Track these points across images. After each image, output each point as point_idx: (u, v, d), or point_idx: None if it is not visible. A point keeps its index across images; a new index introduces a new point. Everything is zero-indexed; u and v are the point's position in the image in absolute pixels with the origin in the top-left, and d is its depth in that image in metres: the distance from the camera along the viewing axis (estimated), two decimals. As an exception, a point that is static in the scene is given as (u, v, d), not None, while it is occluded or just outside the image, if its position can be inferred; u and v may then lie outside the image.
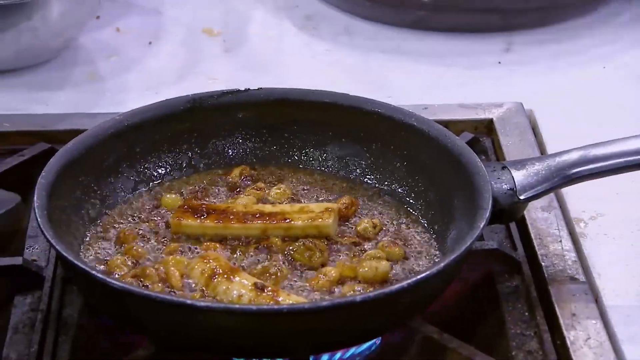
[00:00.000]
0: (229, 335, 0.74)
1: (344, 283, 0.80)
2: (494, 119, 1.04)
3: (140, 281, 0.79)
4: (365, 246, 0.84)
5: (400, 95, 1.07)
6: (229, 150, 0.94)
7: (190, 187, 0.91)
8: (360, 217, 0.88)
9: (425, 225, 0.87)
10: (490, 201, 0.81)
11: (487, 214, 0.79)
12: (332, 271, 0.81)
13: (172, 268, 0.80)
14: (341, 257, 0.83)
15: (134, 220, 0.87)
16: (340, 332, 0.75)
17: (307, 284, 0.80)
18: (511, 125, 1.03)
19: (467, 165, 0.84)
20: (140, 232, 0.86)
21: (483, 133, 1.03)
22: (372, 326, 0.76)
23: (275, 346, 0.75)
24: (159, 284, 0.79)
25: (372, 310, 0.74)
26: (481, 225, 0.78)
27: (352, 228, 0.87)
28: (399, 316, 0.78)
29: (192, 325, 0.73)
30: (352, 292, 0.79)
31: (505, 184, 0.84)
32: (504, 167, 0.85)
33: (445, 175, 0.87)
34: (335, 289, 0.80)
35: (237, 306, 0.74)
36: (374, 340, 0.81)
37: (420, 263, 0.83)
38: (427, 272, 0.75)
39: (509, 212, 0.84)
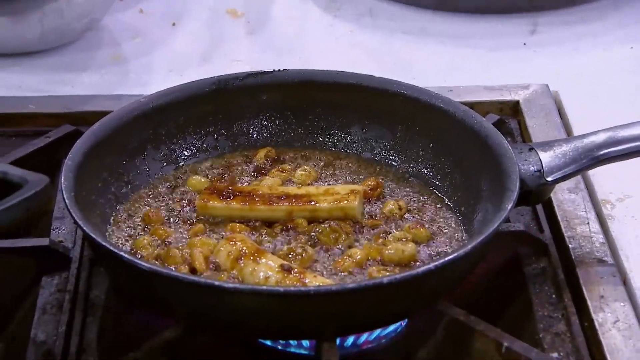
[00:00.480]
0: (255, 316, 0.74)
1: (370, 265, 0.80)
2: (520, 100, 1.03)
3: (162, 261, 0.79)
4: (391, 228, 0.84)
5: (425, 76, 1.06)
6: (254, 132, 0.94)
7: (216, 169, 0.91)
8: (385, 199, 0.87)
9: (452, 207, 0.87)
10: (518, 183, 0.80)
11: (515, 195, 0.79)
12: (358, 253, 0.81)
13: (197, 250, 0.80)
14: (367, 239, 0.83)
15: (160, 201, 0.87)
16: (366, 314, 0.75)
17: (333, 266, 0.80)
18: (537, 107, 1.03)
19: (494, 146, 0.84)
20: (166, 213, 0.86)
21: (509, 115, 1.02)
22: (399, 308, 0.76)
23: (302, 328, 0.75)
24: (184, 266, 0.80)
25: (399, 292, 0.74)
26: (508, 207, 0.78)
27: (378, 210, 0.86)
28: (426, 298, 0.77)
29: (219, 307, 0.73)
30: (378, 274, 0.79)
31: (533, 166, 0.83)
32: (531, 149, 0.84)
33: (471, 156, 0.86)
34: (362, 271, 0.80)
35: (264, 288, 0.74)
36: (400, 322, 0.81)
37: (447, 245, 0.83)
38: (454, 254, 0.75)
39: (536, 193, 0.84)
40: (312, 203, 0.84)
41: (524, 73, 1.09)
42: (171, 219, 0.85)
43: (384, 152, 0.92)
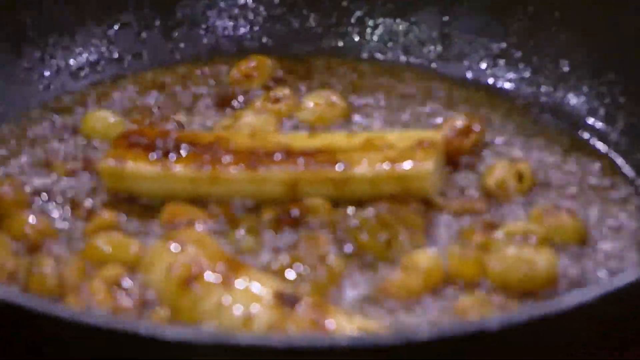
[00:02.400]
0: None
1: (458, 289, 0.82)
2: None
3: (26, 284, 0.82)
4: (503, 216, 0.86)
5: None
6: (218, 23, 0.97)
7: (140, 98, 0.94)
8: (490, 158, 0.89)
9: (628, 175, 0.89)
10: None
11: None
12: (432, 265, 0.82)
13: (96, 281, 0.81)
14: (451, 238, 0.85)
15: (25, 161, 0.90)
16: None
17: (378, 290, 0.82)
18: None
19: None
20: (38, 186, 0.88)
21: None
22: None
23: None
24: (74, 297, 0.81)
25: (522, 347, 0.75)
26: None
27: (475, 180, 0.88)
28: (577, 360, 0.78)
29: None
30: (476, 309, 0.80)
31: None
32: None
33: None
34: (440, 302, 0.81)
35: (245, 337, 0.74)
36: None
37: (618, 252, 0.84)
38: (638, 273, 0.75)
39: None
40: (340, 166, 0.86)
41: None
42: (49, 197, 0.87)
43: (486, 63, 0.95)
